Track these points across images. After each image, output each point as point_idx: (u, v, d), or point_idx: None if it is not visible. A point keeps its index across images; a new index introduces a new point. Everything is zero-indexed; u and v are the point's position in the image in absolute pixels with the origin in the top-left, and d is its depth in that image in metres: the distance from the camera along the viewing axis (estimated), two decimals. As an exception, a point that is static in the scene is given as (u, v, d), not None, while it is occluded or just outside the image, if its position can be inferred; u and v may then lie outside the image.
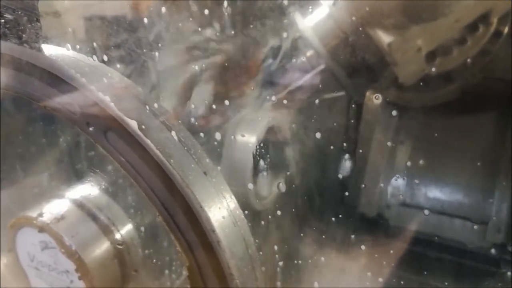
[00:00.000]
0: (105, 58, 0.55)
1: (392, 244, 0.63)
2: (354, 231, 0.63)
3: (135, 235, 0.58)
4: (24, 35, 0.43)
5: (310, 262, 0.65)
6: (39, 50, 0.44)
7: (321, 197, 0.67)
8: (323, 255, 0.65)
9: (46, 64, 0.42)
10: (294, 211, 0.64)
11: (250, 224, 0.46)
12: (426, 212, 0.67)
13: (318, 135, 0.62)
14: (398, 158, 0.67)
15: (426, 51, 0.56)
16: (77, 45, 0.54)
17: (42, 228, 0.54)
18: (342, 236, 0.63)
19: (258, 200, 0.61)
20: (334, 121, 0.68)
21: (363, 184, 0.68)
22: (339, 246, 0.64)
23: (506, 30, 0.58)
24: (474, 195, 0.65)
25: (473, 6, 0.55)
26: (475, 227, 0.64)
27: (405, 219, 0.68)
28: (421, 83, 0.60)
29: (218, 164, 0.57)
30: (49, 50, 0.46)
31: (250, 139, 0.59)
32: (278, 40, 0.61)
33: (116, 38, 0.62)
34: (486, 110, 0.62)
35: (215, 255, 0.41)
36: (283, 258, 0.60)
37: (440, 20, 0.54)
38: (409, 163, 0.66)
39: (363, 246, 0.61)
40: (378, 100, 0.65)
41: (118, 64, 0.60)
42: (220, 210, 0.43)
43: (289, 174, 0.64)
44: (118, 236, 0.57)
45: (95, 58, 0.49)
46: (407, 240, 0.64)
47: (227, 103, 0.60)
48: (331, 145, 0.67)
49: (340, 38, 0.57)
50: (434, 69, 0.59)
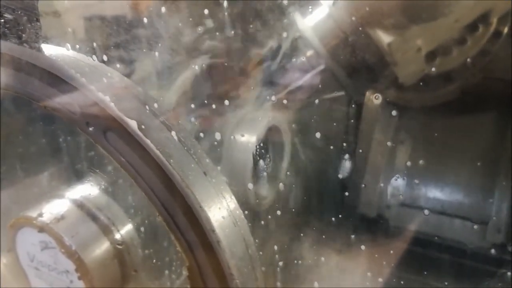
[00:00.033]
0: (105, 58, 0.55)
1: (392, 244, 0.63)
2: (354, 231, 0.63)
3: (135, 235, 0.58)
4: (24, 35, 0.43)
5: (310, 262, 0.65)
6: (39, 50, 0.44)
7: (321, 197, 0.67)
8: (323, 255, 0.65)
9: (46, 64, 0.42)
10: (294, 211, 0.64)
11: (250, 224, 0.46)
12: (426, 212, 0.67)
13: (318, 135, 0.62)
14: (398, 158, 0.67)
15: (426, 51, 0.56)
16: (77, 45, 0.54)
17: (42, 228, 0.54)
18: (342, 236, 0.63)
19: (258, 200, 0.61)
20: (334, 121, 0.68)
21: (363, 184, 0.68)
22: (339, 246, 0.64)
23: (506, 30, 0.58)
24: (474, 195, 0.65)
25: (473, 6, 0.55)
26: (475, 227, 0.64)
27: (405, 219, 0.68)
28: (421, 83, 0.60)
29: (218, 164, 0.57)
30: (49, 50, 0.46)
31: (250, 139, 0.59)
32: (278, 40, 0.61)
33: (116, 38, 0.62)
34: (486, 110, 0.62)
35: (215, 255, 0.41)
36: (283, 258, 0.60)
37: (440, 20, 0.54)
38: (409, 163, 0.65)
39: (363, 246, 0.61)
40: (378, 100, 0.65)
41: (118, 64, 0.60)
42: (220, 210, 0.43)
43: (289, 174, 0.64)
44: (118, 236, 0.57)
45: (95, 58, 0.49)
46: (407, 240, 0.64)
47: (227, 103, 0.60)
48: (331, 145, 0.67)
49: (340, 38, 0.57)
50: (434, 69, 0.59)
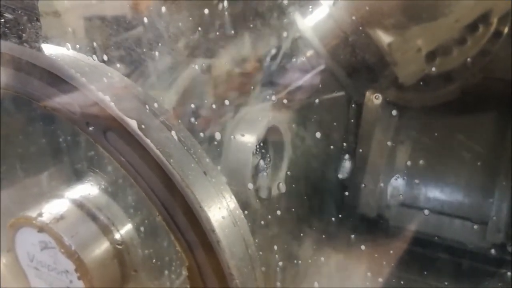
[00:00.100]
0: (105, 57, 0.55)
1: (392, 244, 0.63)
2: (354, 231, 0.63)
3: (135, 235, 0.58)
4: (24, 35, 0.43)
5: (310, 262, 0.65)
6: (39, 49, 0.44)
7: (321, 197, 0.67)
8: (323, 255, 0.65)
9: (46, 64, 0.42)
10: (294, 211, 0.64)
11: (250, 224, 0.46)
12: (426, 212, 0.67)
13: (318, 135, 0.62)
14: (398, 158, 0.67)
15: (426, 51, 0.56)
16: (77, 44, 0.54)
17: (42, 228, 0.54)
18: (342, 236, 0.63)
19: (258, 200, 0.61)
20: (334, 121, 0.68)
21: (363, 184, 0.68)
22: (339, 246, 0.64)
23: (506, 30, 0.58)
24: (474, 195, 0.65)
25: (473, 6, 0.55)
26: (475, 227, 0.64)
27: (405, 219, 0.68)
28: (421, 83, 0.60)
29: (218, 164, 0.57)
30: (49, 49, 0.46)
31: (250, 139, 0.59)
32: (278, 40, 0.61)
33: (116, 38, 0.62)
34: (486, 110, 0.62)
35: (214, 255, 0.41)
36: (283, 258, 0.60)
37: (440, 20, 0.54)
38: (409, 163, 0.66)
39: (363, 246, 0.61)
40: (378, 100, 0.65)
41: (118, 63, 0.60)
42: (220, 210, 0.43)
43: (289, 174, 0.64)
44: (117, 236, 0.57)
45: (95, 57, 0.49)
46: (407, 240, 0.64)
47: (227, 103, 0.60)
48: (331, 145, 0.67)
49: (340, 38, 0.57)
50: (434, 69, 0.59)
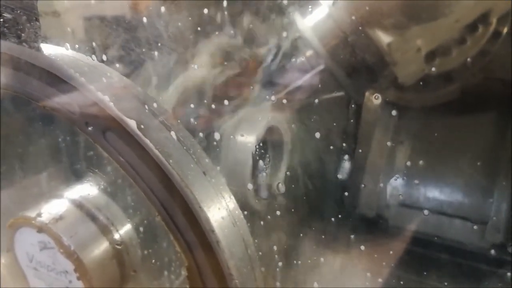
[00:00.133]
0: (104, 57, 0.55)
1: (392, 244, 0.63)
2: (353, 232, 0.63)
3: (134, 235, 0.58)
4: (23, 35, 0.43)
5: (309, 262, 0.65)
6: (38, 49, 0.44)
7: (320, 197, 0.67)
8: (322, 256, 0.64)
9: (45, 64, 0.42)
10: (293, 211, 0.64)
11: (249, 224, 0.46)
12: (426, 212, 0.67)
13: (318, 135, 0.62)
14: (397, 158, 0.67)
15: (426, 51, 0.56)
16: (76, 44, 0.54)
17: (41, 228, 0.54)
18: (342, 236, 0.63)
19: (258, 200, 0.61)
20: (334, 121, 0.68)
21: (363, 184, 0.68)
22: (338, 247, 0.64)
23: (505, 30, 0.58)
24: (474, 195, 0.65)
25: (473, 6, 0.55)
26: (475, 227, 0.64)
27: (404, 219, 0.68)
28: (421, 83, 0.60)
29: (218, 164, 0.57)
30: (48, 49, 0.46)
31: (250, 139, 0.59)
32: (277, 40, 0.61)
33: (115, 38, 0.62)
34: (486, 110, 0.62)
35: (214, 256, 0.41)
36: (283, 258, 0.60)
37: (440, 20, 0.54)
38: (408, 163, 0.65)
39: (362, 246, 0.61)
40: (378, 100, 0.65)
41: (117, 64, 0.60)
42: (220, 210, 0.43)
43: (288, 174, 0.64)
44: (117, 236, 0.57)
45: (94, 57, 0.49)
46: (406, 240, 0.64)
47: (226, 103, 0.60)
48: (331, 145, 0.67)
49: (339, 38, 0.57)
50: (434, 69, 0.59)
